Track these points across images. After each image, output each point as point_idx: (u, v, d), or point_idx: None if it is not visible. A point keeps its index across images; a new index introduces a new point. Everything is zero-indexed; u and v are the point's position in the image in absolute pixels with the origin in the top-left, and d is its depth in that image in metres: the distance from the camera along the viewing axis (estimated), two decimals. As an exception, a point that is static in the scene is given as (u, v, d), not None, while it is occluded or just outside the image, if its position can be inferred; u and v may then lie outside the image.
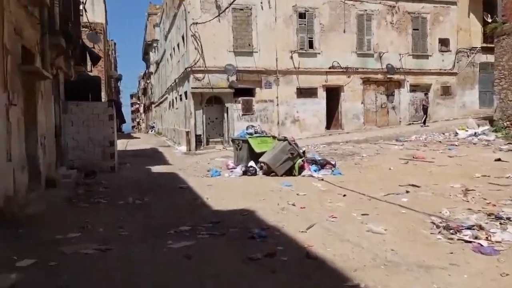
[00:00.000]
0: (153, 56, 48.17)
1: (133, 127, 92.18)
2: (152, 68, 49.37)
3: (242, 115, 21.68)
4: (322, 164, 11.93)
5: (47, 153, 9.44)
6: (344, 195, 8.48)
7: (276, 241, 5.39)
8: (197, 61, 20.78)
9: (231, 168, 13.00)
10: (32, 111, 8.64)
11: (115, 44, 60.60)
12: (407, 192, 8.51)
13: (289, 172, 11.26)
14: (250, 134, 12.73)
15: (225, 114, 21.57)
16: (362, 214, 6.82)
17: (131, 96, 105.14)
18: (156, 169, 14.15)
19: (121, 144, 26.36)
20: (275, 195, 8.66)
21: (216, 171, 11.85)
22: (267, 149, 12.07)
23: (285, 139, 11.46)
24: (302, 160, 11.40)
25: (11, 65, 6.92)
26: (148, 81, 58.30)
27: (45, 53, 9.44)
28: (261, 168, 11.78)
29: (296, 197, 8.42)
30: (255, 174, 11.49)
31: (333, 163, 12.22)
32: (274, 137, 12.84)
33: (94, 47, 18.23)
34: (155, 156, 19.46)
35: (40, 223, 6.31)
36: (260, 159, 11.77)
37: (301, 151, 11.51)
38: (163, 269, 4.36)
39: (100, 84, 13.53)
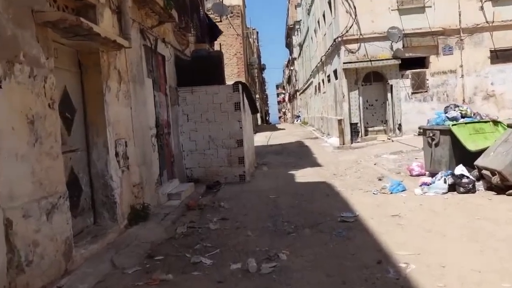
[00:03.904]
0: (296, 39, 44.65)
1: (279, 117, 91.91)
2: (296, 52, 46.00)
3: (412, 93, 16.44)
4: None
5: (132, 166, 6.04)
6: None
7: None
8: (349, 28, 16.14)
9: (418, 174, 8.20)
10: (96, 101, 5.26)
11: (257, 32, 59.14)
12: None
13: (544, 187, 6.03)
14: (454, 119, 7.65)
15: (389, 94, 16.53)
16: None
17: (277, 87, 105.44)
18: (301, 174, 10.08)
19: (264, 138, 23.43)
20: None
21: (398, 183, 7.17)
22: (488, 144, 6.96)
23: (534, 125, 6.19)
24: None
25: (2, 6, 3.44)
26: (291, 68, 55.45)
27: (124, 9, 6.05)
28: (480, 178, 6.73)
29: None
30: (473, 190, 6.49)
31: None
32: (495, 123, 7.56)
33: (221, 20, 15.05)
34: (300, 152, 15.46)
35: None
36: (478, 163, 6.71)
37: None
38: None
39: (223, 62, 9.93)
